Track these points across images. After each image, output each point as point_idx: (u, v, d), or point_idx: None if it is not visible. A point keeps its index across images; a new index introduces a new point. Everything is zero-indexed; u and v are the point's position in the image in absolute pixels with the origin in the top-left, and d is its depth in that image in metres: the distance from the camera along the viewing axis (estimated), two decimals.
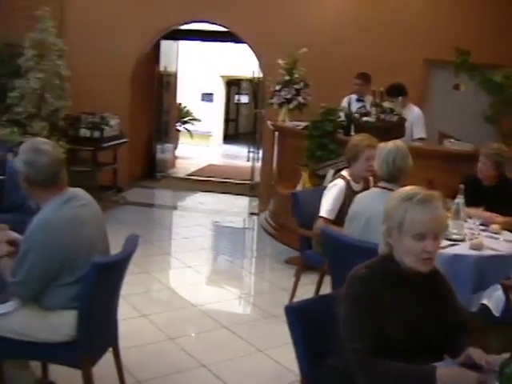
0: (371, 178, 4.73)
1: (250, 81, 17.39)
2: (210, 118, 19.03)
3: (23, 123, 8.02)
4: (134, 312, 4.96)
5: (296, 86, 7.68)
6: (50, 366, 3.63)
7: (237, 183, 11.38)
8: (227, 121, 21.36)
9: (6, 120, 7.68)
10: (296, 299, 5.00)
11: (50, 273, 2.92)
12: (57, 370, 3.53)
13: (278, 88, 7.76)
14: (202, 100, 19.42)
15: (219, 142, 19.82)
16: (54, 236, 2.88)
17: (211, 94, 19.63)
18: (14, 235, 3.24)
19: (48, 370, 3.67)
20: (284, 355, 4.18)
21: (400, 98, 6.72)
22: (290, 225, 6.11)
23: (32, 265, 2.88)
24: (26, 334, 2.98)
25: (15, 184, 3.41)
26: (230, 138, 20.81)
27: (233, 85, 21.14)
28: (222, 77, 19.72)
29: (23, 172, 2.98)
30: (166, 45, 11.29)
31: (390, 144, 3.93)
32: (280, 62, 7.76)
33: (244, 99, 21.64)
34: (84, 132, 8.83)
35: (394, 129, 6.21)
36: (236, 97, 21.68)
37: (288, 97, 7.70)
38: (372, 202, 3.83)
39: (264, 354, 4.39)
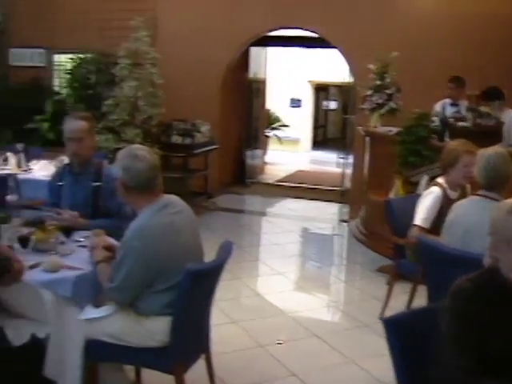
0: (468, 186, 4.56)
1: (339, 86, 17.28)
2: (299, 123, 19.04)
3: (117, 130, 8.25)
4: (225, 318, 4.96)
5: (387, 91, 7.55)
6: (143, 370, 3.68)
7: (326, 189, 11.29)
8: (316, 127, 21.31)
9: (101, 127, 7.90)
10: (388, 309, 4.90)
11: (147, 279, 2.95)
12: (150, 375, 3.57)
13: (369, 93, 7.65)
14: (291, 106, 19.45)
15: (308, 148, 19.78)
16: (151, 243, 2.90)
17: (299, 99, 19.63)
18: (111, 241, 3.31)
19: (141, 375, 3.72)
20: (376, 366, 4.11)
21: (497, 101, 6.50)
22: (382, 232, 5.97)
23: (129, 271, 2.91)
24: (121, 339, 3.02)
25: (111, 191, 3.48)
26: (318, 143, 20.76)
27: (321, 90, 21.08)
28: (310, 82, 19.69)
29: (120, 178, 3.03)
30: (255, 51, 11.38)
31: (490, 150, 3.78)
32: (371, 66, 7.64)
33: (332, 105, 21.56)
34: (176, 139, 9.01)
35: (490, 134, 6.00)
36: (324, 102, 21.61)
37: (379, 102, 7.57)
38: (470, 211, 3.70)
39: (355, 364, 4.29)
